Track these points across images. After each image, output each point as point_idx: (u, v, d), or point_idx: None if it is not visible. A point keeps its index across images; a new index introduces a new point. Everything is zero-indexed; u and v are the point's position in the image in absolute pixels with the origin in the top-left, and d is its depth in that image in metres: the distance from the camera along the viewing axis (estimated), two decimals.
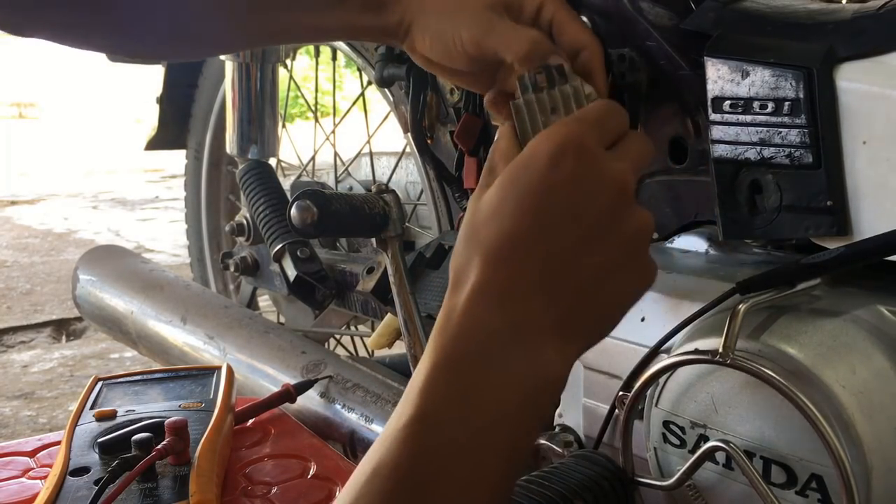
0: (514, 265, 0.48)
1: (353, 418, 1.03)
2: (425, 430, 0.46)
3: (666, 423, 0.60)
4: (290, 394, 1.00)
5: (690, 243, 0.77)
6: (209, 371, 0.98)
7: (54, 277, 3.20)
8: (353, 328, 1.42)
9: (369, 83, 1.30)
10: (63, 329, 2.79)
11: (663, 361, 0.59)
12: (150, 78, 2.01)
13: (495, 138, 0.56)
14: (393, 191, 1.09)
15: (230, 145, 1.47)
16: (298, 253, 1.26)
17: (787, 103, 0.66)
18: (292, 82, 1.62)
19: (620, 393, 0.66)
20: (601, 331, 0.52)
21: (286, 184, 1.44)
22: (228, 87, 1.45)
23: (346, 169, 1.41)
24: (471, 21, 0.59)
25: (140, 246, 3.72)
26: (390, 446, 0.46)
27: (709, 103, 0.71)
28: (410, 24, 0.63)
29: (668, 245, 0.78)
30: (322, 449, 0.92)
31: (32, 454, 0.89)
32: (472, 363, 0.47)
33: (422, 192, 1.18)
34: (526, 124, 0.55)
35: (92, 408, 0.89)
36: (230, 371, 0.97)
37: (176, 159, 2.02)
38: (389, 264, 0.97)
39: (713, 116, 0.70)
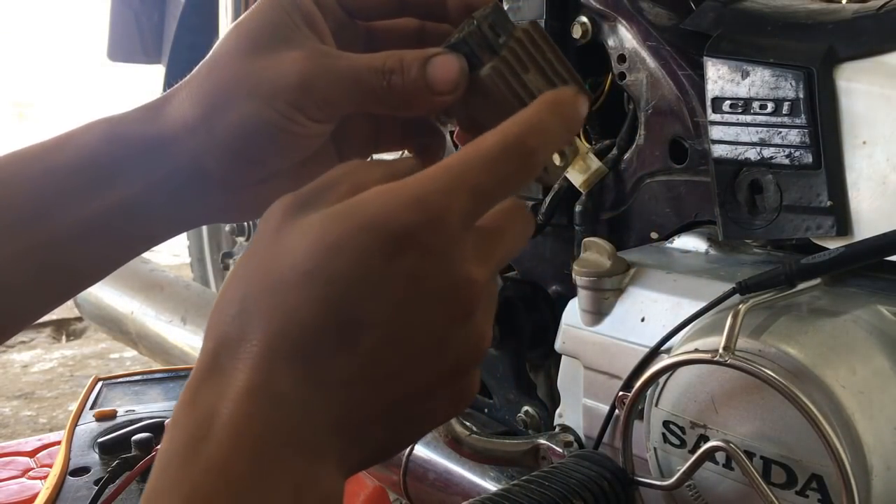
0: (308, 368, 0.36)
1: None
2: None
3: (666, 423, 0.60)
4: None
5: (690, 243, 0.77)
6: None
7: None
8: None
9: None
10: (63, 329, 2.79)
11: (663, 361, 0.59)
12: (150, 78, 2.01)
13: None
14: None
15: None
16: None
17: (786, 103, 0.66)
18: None
19: (620, 393, 0.66)
20: (393, 451, 0.41)
21: None
22: None
23: None
24: (284, 80, 0.47)
25: None
26: None
27: (708, 103, 0.71)
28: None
29: (668, 245, 0.78)
30: None
31: (32, 454, 0.89)
32: (244, 480, 0.35)
33: None
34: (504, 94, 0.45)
35: (92, 408, 0.89)
36: None
37: None
38: None
39: (713, 116, 0.70)
